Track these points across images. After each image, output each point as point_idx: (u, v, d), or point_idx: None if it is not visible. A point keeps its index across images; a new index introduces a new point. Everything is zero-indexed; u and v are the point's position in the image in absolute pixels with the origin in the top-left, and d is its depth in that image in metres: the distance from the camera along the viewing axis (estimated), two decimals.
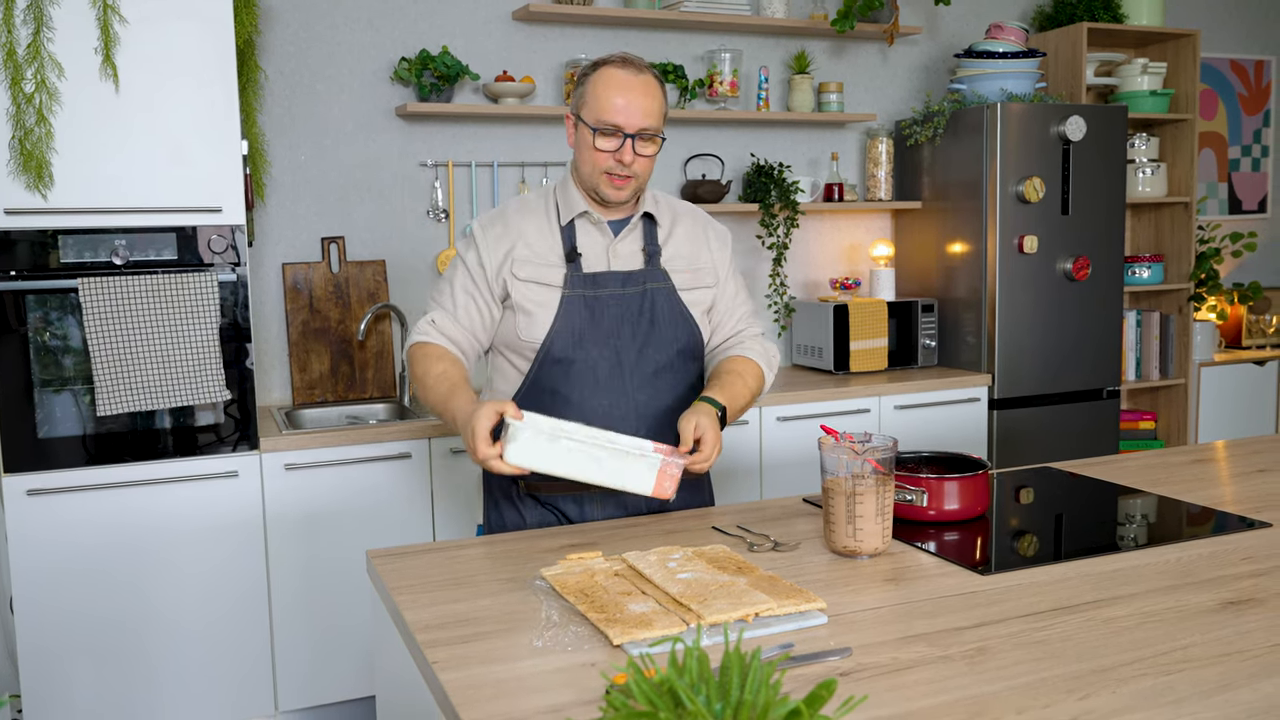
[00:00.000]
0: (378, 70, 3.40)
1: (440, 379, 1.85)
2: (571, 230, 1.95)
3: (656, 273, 1.95)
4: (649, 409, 1.92)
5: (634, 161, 1.86)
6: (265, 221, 3.30)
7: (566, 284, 1.90)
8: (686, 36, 3.78)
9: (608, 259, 1.94)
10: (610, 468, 1.65)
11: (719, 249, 2.06)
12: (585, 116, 1.88)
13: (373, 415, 3.31)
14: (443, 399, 1.83)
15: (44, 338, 2.60)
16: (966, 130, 3.74)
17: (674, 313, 1.95)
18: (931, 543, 1.70)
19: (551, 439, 1.64)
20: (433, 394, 1.86)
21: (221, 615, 2.79)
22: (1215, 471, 2.18)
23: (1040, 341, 3.76)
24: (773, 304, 3.90)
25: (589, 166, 1.89)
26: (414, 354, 1.94)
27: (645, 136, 1.87)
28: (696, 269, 2.00)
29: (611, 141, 1.86)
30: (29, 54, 2.49)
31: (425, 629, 1.36)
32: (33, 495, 2.59)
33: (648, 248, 1.97)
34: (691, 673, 0.89)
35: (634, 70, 1.87)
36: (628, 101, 1.84)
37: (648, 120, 1.86)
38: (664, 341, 1.94)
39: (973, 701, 1.12)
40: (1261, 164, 4.95)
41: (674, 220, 2.02)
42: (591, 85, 1.87)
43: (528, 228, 1.95)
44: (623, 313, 1.92)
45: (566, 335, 1.89)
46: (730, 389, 1.90)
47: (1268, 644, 1.26)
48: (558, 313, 1.89)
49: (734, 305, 2.06)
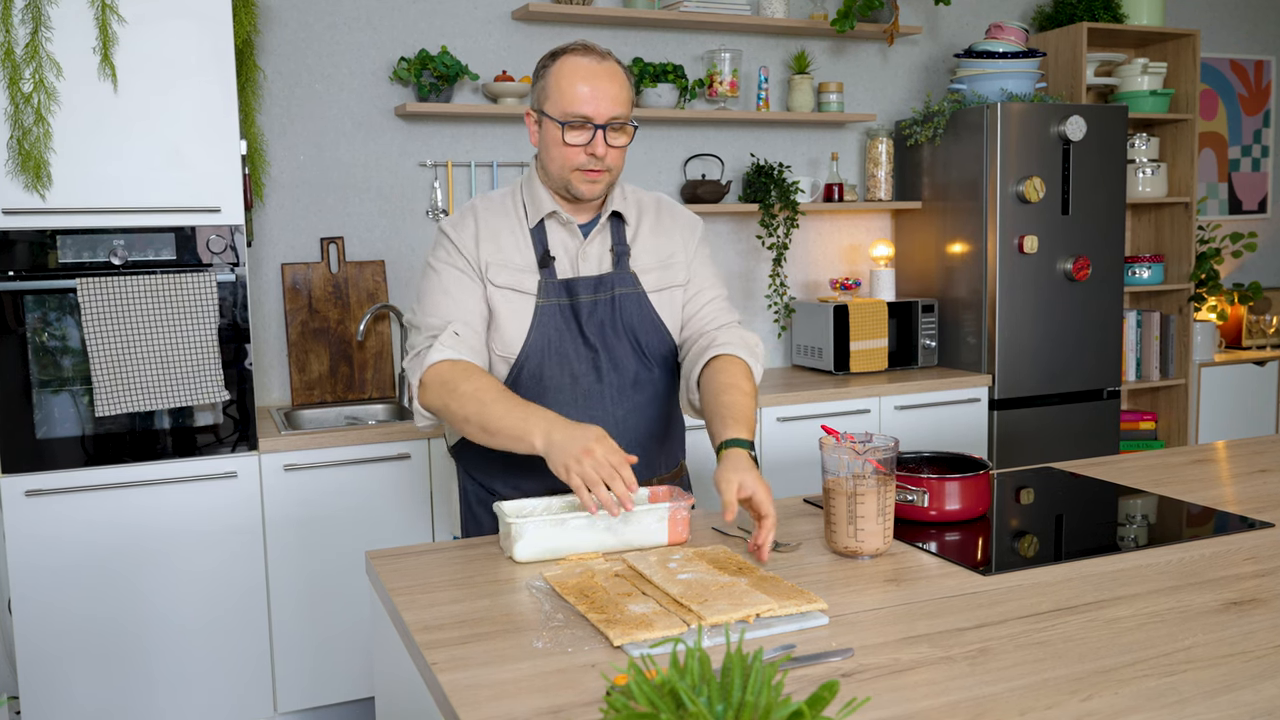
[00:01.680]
0: (377, 70, 3.39)
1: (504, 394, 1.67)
2: (542, 232, 1.84)
3: (625, 276, 1.85)
4: (629, 423, 1.85)
5: (607, 154, 1.76)
6: (264, 222, 3.30)
7: (541, 292, 1.81)
8: (686, 36, 3.78)
9: (577, 263, 1.84)
10: (623, 534, 1.62)
11: (687, 237, 1.94)
12: (549, 110, 1.76)
13: (372, 416, 3.31)
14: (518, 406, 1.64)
15: (42, 338, 2.59)
16: (966, 130, 3.74)
17: (645, 319, 1.86)
18: (933, 543, 1.69)
19: (556, 524, 1.59)
20: (494, 407, 1.64)
21: (220, 616, 2.78)
22: (1216, 472, 2.18)
23: (1040, 342, 3.75)
24: (773, 304, 3.90)
25: (558, 164, 1.77)
26: (447, 373, 1.72)
27: (616, 126, 1.76)
28: (666, 265, 1.90)
29: (581, 134, 1.74)
30: (27, 53, 2.49)
31: (425, 630, 1.35)
32: (31, 496, 2.58)
33: (616, 248, 1.86)
34: (693, 674, 0.89)
35: (596, 57, 1.76)
36: (594, 89, 1.73)
37: (617, 108, 1.74)
38: (638, 350, 1.86)
39: (975, 702, 1.11)
40: (1261, 164, 4.95)
41: (640, 214, 1.91)
42: (554, 77, 1.75)
43: (499, 229, 1.84)
44: (595, 321, 1.82)
45: (542, 346, 1.80)
46: (742, 413, 1.73)
47: (1271, 644, 1.26)
48: (533, 323, 1.80)
49: (706, 293, 1.93)
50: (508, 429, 1.62)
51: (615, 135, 1.77)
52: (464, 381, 1.69)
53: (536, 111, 1.80)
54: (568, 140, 1.75)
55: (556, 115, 1.75)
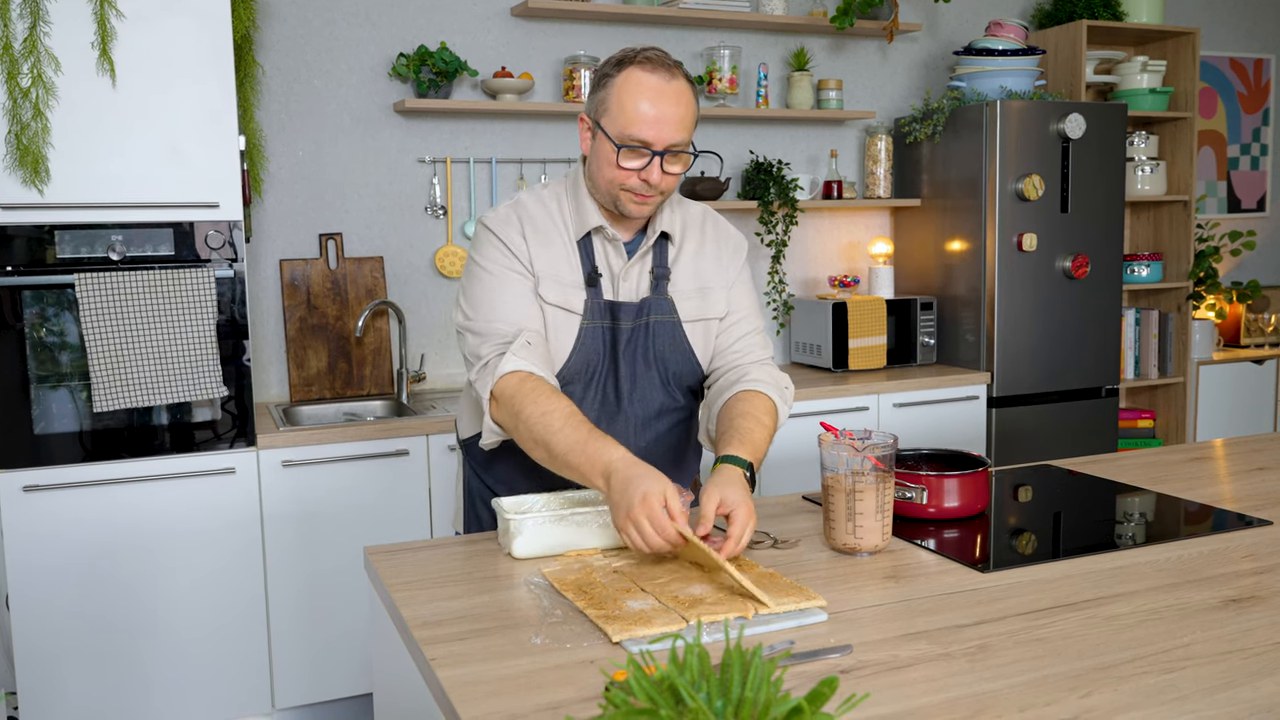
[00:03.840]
0: (376, 66, 3.39)
1: (571, 420, 1.56)
2: (589, 247, 1.73)
3: (663, 302, 1.75)
4: (649, 452, 1.76)
5: (661, 180, 1.63)
6: (263, 217, 3.29)
7: (587, 312, 1.71)
8: (685, 33, 3.77)
9: (617, 283, 1.74)
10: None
11: (729, 262, 1.83)
12: (607, 127, 1.62)
13: (370, 412, 3.30)
14: (578, 445, 1.53)
15: (40, 333, 2.59)
16: (966, 128, 3.73)
17: (677, 349, 1.77)
18: (931, 540, 1.69)
19: (555, 520, 1.59)
20: (559, 436, 1.55)
21: (218, 612, 2.78)
22: (1214, 469, 2.18)
23: (1039, 340, 3.75)
24: (772, 301, 3.89)
25: (607, 181, 1.66)
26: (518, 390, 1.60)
27: (674, 153, 1.62)
28: (705, 293, 1.79)
29: (637, 160, 1.61)
30: (25, 48, 2.48)
31: (423, 626, 1.35)
32: (29, 491, 2.58)
33: (656, 270, 1.76)
34: (692, 670, 0.89)
35: (665, 74, 1.61)
36: (659, 114, 1.59)
37: (679, 134, 1.61)
38: (665, 380, 1.78)
39: (974, 699, 1.11)
40: (1260, 162, 4.95)
41: (684, 232, 1.80)
42: (616, 90, 1.61)
43: (548, 237, 1.72)
44: (630, 348, 1.74)
45: (580, 368, 1.72)
46: (751, 438, 1.64)
47: (1270, 642, 1.26)
48: (575, 344, 1.70)
49: (743, 325, 1.83)
50: (575, 466, 1.54)
51: (672, 163, 1.63)
52: (531, 404, 1.58)
53: (592, 121, 1.67)
54: (622, 164, 1.62)
55: (613, 134, 1.62)
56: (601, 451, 1.51)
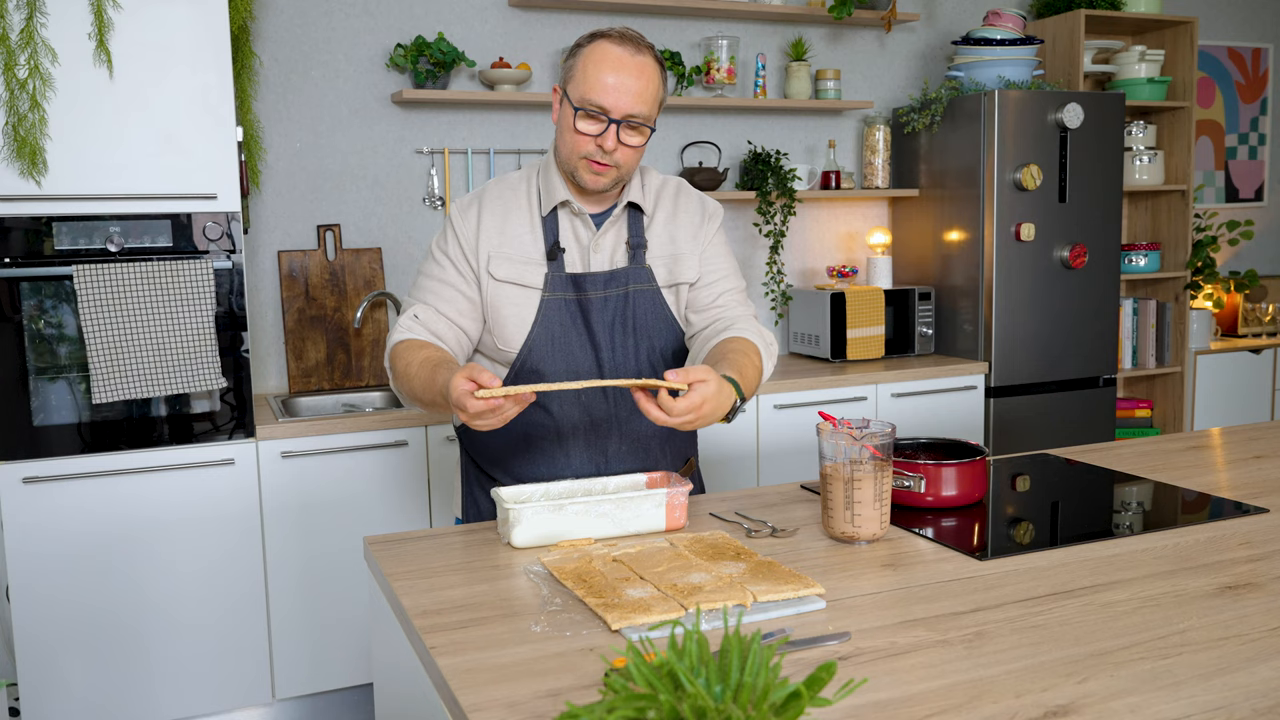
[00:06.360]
0: (373, 57, 3.38)
1: (424, 364, 1.66)
2: (554, 222, 1.78)
3: (641, 271, 1.80)
4: (632, 424, 1.81)
5: (616, 150, 1.68)
6: (261, 209, 3.29)
7: (547, 285, 1.75)
8: (684, 23, 3.77)
9: (589, 256, 1.78)
10: (620, 519, 1.62)
11: (698, 227, 1.86)
12: (570, 93, 1.69)
13: (369, 403, 3.31)
14: (427, 380, 1.63)
15: (38, 325, 2.59)
16: (964, 118, 3.73)
17: (657, 317, 1.81)
18: (929, 528, 1.70)
19: (554, 510, 1.60)
20: (416, 381, 1.66)
21: (218, 603, 2.78)
22: (1211, 458, 2.19)
23: (1037, 329, 3.76)
24: (770, 292, 3.90)
25: (568, 148, 1.71)
26: (395, 352, 1.74)
27: (632, 124, 1.68)
28: (676, 259, 1.83)
29: (594, 125, 1.67)
30: (22, 39, 2.48)
31: (423, 615, 1.35)
32: (28, 483, 2.58)
33: (632, 240, 1.80)
34: (691, 656, 0.89)
35: (631, 48, 1.68)
36: (618, 81, 1.65)
37: (637, 105, 1.67)
38: (648, 349, 1.81)
39: (972, 685, 1.12)
40: (1258, 152, 4.95)
41: (656, 203, 1.85)
42: (583, 59, 1.69)
43: (508, 217, 1.78)
44: (604, 318, 1.77)
45: (545, 343, 1.76)
46: (742, 371, 1.66)
47: (1265, 628, 1.26)
48: (536, 318, 1.75)
49: (721, 284, 1.85)
50: (431, 402, 1.64)
51: (629, 133, 1.69)
52: (401, 363, 1.71)
53: (561, 89, 1.73)
54: (579, 127, 1.68)
55: (575, 99, 1.68)
56: (438, 379, 1.59)
